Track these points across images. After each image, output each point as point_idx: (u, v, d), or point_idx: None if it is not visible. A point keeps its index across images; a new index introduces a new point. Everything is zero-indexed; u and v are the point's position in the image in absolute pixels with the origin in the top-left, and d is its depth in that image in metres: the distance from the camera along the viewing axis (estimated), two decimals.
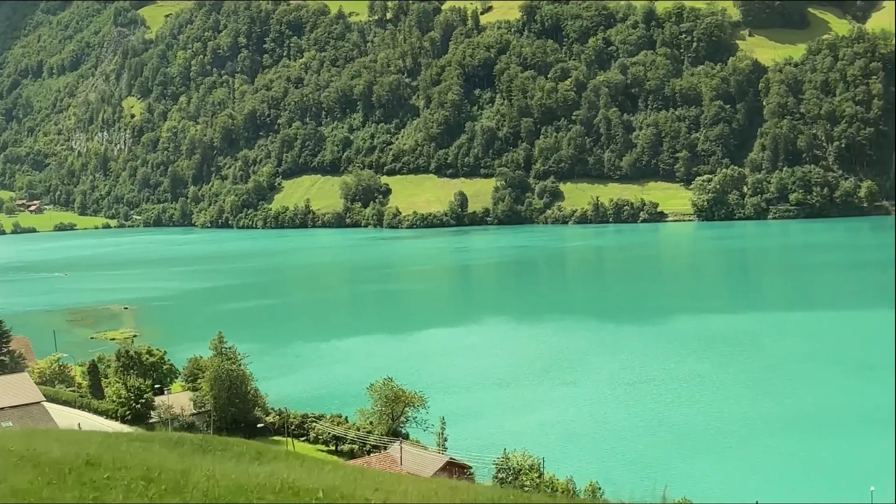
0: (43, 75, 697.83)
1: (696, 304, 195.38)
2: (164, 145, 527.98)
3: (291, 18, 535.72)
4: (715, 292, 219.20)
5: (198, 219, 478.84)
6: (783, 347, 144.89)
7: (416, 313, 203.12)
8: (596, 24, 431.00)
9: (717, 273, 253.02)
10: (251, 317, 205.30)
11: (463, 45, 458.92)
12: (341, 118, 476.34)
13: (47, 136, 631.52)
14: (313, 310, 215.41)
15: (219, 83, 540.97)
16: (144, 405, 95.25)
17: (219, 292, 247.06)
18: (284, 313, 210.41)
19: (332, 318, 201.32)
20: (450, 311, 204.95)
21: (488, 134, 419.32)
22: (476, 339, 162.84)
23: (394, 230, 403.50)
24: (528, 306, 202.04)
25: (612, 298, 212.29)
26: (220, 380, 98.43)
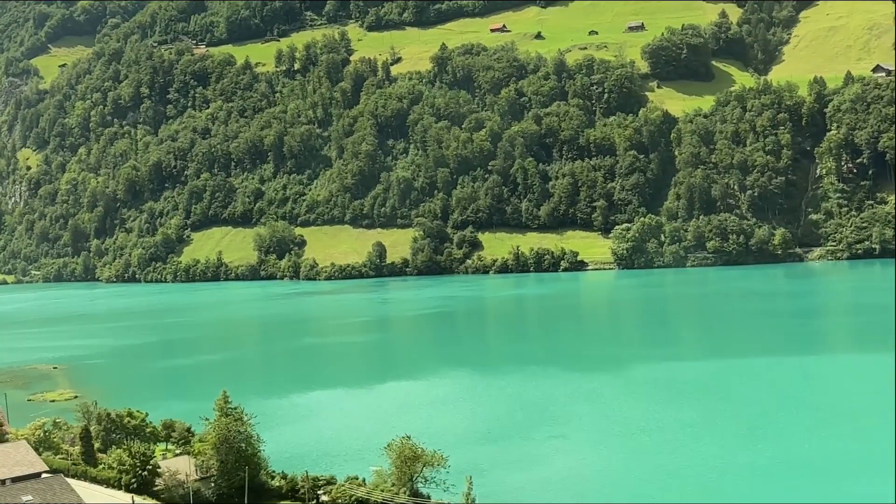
0: None
1: (644, 351, 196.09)
2: (64, 198, 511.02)
3: (196, 69, 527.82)
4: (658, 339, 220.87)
5: (102, 273, 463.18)
6: (751, 393, 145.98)
7: (368, 366, 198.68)
8: (507, 75, 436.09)
9: (655, 320, 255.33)
10: (193, 374, 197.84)
11: (375, 95, 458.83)
12: (251, 169, 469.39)
13: None
14: (257, 365, 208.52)
15: (120, 134, 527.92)
16: (150, 472, 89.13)
17: (149, 349, 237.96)
18: (227, 370, 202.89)
19: (279, 373, 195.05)
20: (400, 363, 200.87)
21: (404, 184, 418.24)
22: (442, 392, 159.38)
23: (311, 282, 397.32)
24: (479, 357, 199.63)
25: (558, 347, 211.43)
26: (227, 442, 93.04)
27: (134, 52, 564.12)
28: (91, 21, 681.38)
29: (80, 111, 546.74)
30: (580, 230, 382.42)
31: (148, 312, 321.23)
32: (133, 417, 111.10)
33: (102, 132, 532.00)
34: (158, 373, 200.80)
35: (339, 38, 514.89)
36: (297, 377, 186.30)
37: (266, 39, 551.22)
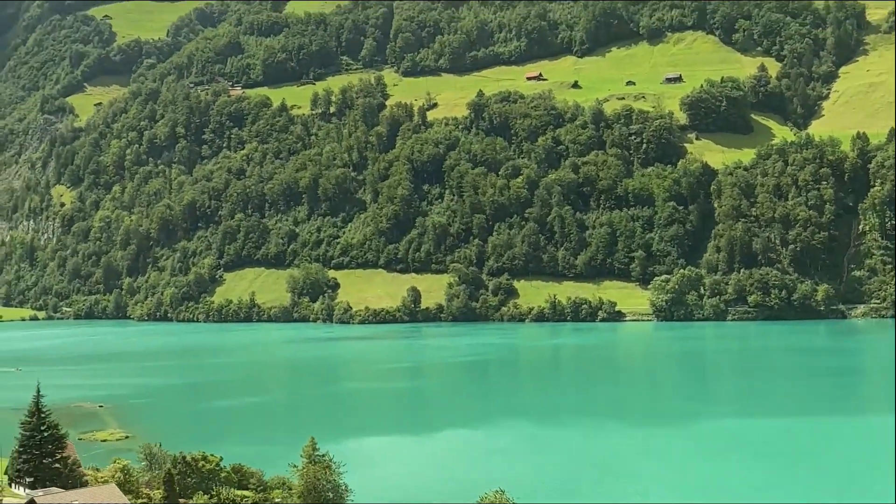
0: None
1: (694, 406, 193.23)
2: (97, 235, 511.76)
3: (232, 110, 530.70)
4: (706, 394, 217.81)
5: (134, 311, 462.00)
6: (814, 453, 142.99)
7: (420, 412, 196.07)
8: (544, 123, 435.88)
9: (699, 374, 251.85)
10: (241, 416, 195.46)
11: (410, 140, 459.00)
12: (286, 211, 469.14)
13: None
14: (304, 409, 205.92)
15: (155, 173, 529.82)
16: None
17: (192, 389, 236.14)
18: (274, 413, 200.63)
19: (329, 417, 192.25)
20: (452, 410, 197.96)
21: (440, 229, 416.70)
22: (504, 442, 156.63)
23: (345, 325, 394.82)
24: (531, 406, 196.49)
25: (608, 399, 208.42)
26: (315, 491, 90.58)
27: (171, 93, 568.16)
28: (127, 61, 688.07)
29: (116, 149, 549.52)
30: (618, 280, 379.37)
31: (185, 352, 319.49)
32: (207, 461, 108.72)
33: (137, 171, 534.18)
34: (206, 414, 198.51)
35: (374, 82, 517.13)
36: (350, 422, 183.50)
37: (302, 82, 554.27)
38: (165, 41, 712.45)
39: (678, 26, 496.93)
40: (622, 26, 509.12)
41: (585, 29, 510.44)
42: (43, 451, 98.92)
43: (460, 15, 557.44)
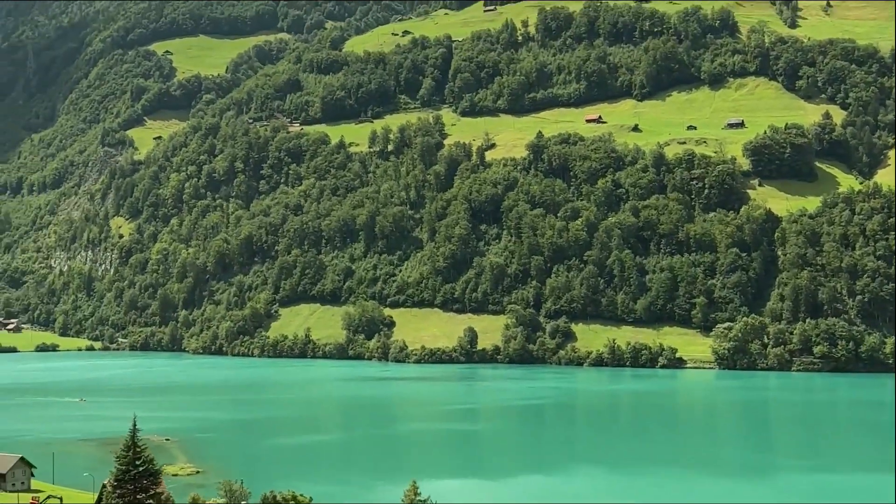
0: (23, 192, 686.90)
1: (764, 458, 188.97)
2: (154, 267, 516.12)
3: (291, 146, 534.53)
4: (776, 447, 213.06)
5: (189, 344, 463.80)
6: None
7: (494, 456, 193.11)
8: (604, 165, 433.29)
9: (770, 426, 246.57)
10: (310, 454, 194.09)
11: (469, 180, 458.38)
12: (342, 247, 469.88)
13: (25, 253, 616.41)
14: (371, 449, 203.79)
15: (213, 207, 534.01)
16: None
17: (256, 425, 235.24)
18: (344, 451, 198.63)
19: (400, 458, 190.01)
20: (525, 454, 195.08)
21: (497, 270, 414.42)
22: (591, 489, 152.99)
23: (400, 364, 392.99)
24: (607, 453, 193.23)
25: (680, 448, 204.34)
26: None
27: (230, 128, 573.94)
28: (186, 96, 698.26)
29: (175, 183, 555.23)
30: (678, 326, 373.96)
31: (243, 387, 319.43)
32: (297, 501, 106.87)
33: (195, 204, 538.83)
34: (274, 451, 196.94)
35: (433, 121, 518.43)
36: (420, 464, 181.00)
37: (360, 120, 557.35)
38: (224, 77, 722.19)
39: (740, 72, 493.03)
40: (683, 71, 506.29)
41: (646, 72, 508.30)
42: (137, 486, 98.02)
43: (519, 56, 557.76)
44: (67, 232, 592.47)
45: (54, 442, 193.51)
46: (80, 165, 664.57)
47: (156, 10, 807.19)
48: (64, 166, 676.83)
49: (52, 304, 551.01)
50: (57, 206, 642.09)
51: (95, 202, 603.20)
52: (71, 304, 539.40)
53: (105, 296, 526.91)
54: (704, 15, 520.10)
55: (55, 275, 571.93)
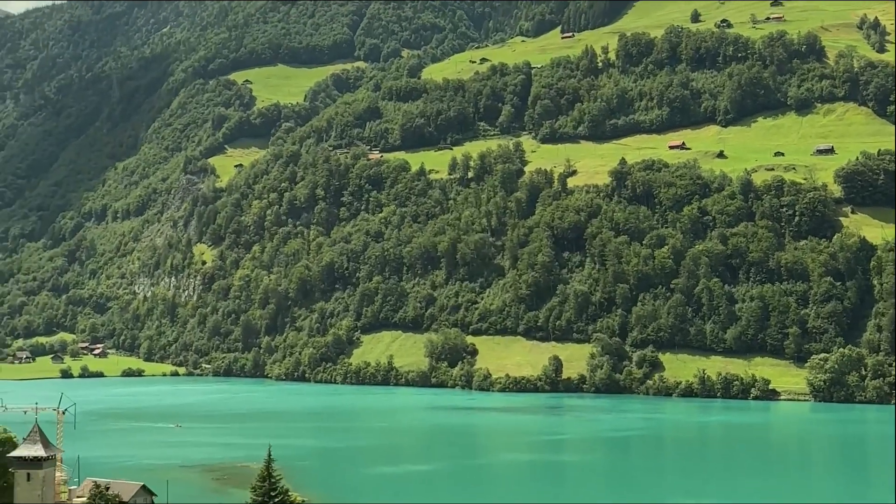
0: (107, 219, 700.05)
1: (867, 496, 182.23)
2: (236, 294, 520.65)
3: (371, 173, 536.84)
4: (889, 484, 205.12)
5: (272, 370, 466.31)
6: None
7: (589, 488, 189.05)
8: (690, 192, 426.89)
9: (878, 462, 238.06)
10: (414, 484, 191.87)
11: (551, 207, 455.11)
12: (423, 274, 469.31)
13: (110, 279, 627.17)
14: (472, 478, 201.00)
15: (294, 234, 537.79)
16: None
17: (351, 452, 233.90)
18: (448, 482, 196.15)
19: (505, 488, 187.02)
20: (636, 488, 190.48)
21: (581, 298, 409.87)
22: None
23: (484, 392, 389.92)
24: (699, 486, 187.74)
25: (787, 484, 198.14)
26: None
27: (310, 155, 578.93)
28: (266, 124, 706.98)
29: (256, 210, 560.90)
30: (769, 357, 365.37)
31: (332, 414, 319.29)
32: None
33: (276, 231, 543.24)
34: (376, 480, 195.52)
35: (513, 148, 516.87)
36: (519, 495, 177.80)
37: (439, 147, 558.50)
38: (303, 105, 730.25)
39: (828, 97, 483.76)
40: (769, 96, 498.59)
41: (730, 98, 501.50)
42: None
43: (600, 83, 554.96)
44: (151, 258, 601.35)
45: (157, 468, 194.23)
46: (163, 193, 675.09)
47: (236, 40, 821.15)
48: (147, 194, 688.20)
49: (136, 329, 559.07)
50: (140, 233, 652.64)
51: (178, 229, 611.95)
52: (155, 329, 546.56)
53: (188, 322, 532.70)
54: (790, 40, 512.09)
55: (139, 300, 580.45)
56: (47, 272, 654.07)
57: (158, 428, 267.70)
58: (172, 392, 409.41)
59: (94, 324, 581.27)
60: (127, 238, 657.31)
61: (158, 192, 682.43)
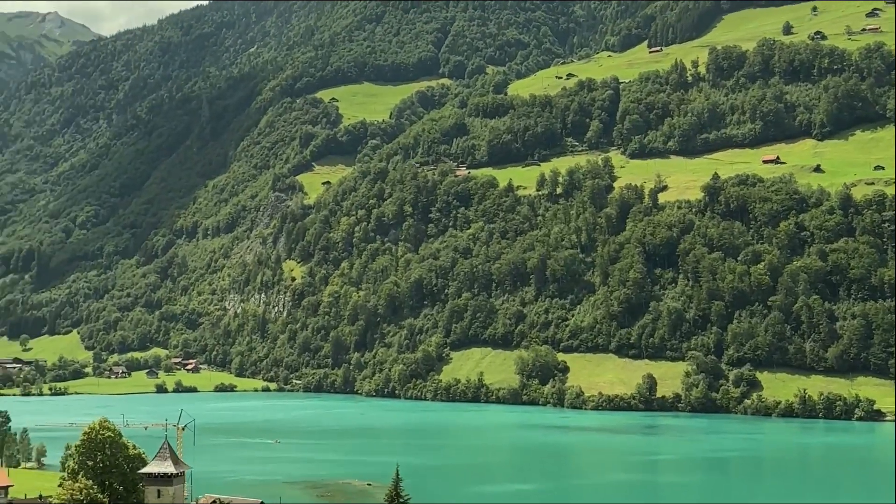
0: (198, 236, 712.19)
1: None
2: (326, 310, 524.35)
3: (459, 189, 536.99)
4: None
5: (362, 387, 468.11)
6: None
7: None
8: (786, 207, 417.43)
9: None
10: None
11: (642, 223, 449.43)
12: (512, 291, 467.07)
13: (201, 295, 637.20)
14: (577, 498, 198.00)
15: (382, 250, 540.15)
16: None
17: (452, 471, 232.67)
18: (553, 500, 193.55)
19: None
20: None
21: (675, 315, 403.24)
22: None
23: (576, 410, 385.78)
24: None
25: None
26: None
27: (398, 172, 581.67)
28: (352, 141, 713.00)
29: (345, 226, 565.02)
30: (874, 377, 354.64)
31: (426, 431, 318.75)
32: None
33: (365, 248, 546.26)
34: (480, 498, 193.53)
35: (602, 164, 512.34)
36: None
37: (527, 163, 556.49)
38: (389, 122, 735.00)
39: None
40: (867, 109, 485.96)
41: (826, 111, 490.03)
42: None
43: (690, 97, 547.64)
44: (241, 275, 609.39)
45: (261, 484, 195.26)
46: (252, 210, 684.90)
47: (322, 59, 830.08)
48: (236, 211, 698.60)
49: (227, 345, 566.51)
50: (230, 250, 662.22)
51: (267, 246, 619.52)
52: (246, 345, 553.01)
53: (278, 338, 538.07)
54: (889, 51, 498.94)
55: (230, 316, 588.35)
56: (141, 288, 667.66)
57: (257, 443, 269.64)
58: (266, 407, 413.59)
59: (187, 339, 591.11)
60: (217, 255, 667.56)
61: (247, 209, 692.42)
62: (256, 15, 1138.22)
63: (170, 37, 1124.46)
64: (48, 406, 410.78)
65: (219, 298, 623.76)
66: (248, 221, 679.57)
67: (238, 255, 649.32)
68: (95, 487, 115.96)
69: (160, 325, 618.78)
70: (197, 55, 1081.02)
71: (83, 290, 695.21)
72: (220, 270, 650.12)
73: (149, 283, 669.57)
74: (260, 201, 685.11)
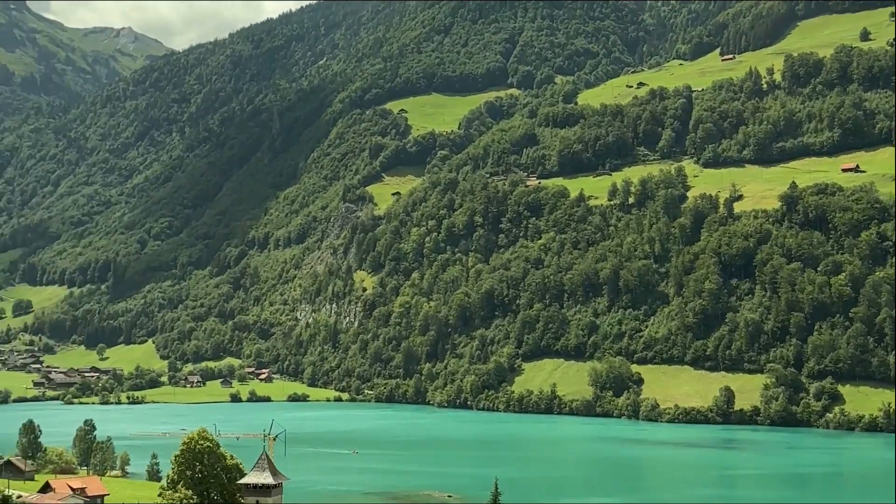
0: (269, 247, 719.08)
1: None
2: (397, 320, 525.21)
3: (530, 200, 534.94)
4: None
5: (433, 397, 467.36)
6: None
7: None
8: (868, 217, 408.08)
9: None
10: None
11: (717, 232, 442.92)
12: (584, 302, 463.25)
13: (273, 305, 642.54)
14: None
15: (452, 261, 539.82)
16: None
17: (533, 483, 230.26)
18: None
19: None
20: None
21: (752, 327, 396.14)
22: None
23: (652, 423, 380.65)
24: None
25: None
26: None
27: (468, 183, 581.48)
28: (421, 152, 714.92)
29: (415, 237, 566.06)
30: None
31: (502, 442, 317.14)
32: None
33: (435, 258, 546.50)
34: None
35: (675, 173, 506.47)
36: None
37: (598, 173, 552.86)
38: (457, 133, 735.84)
39: None
40: None
41: None
42: None
43: (765, 105, 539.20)
44: (312, 285, 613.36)
45: (343, 495, 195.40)
46: (323, 221, 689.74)
47: (391, 70, 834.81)
48: (307, 222, 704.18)
49: (299, 355, 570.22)
50: (301, 261, 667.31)
51: (338, 256, 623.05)
52: (317, 355, 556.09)
53: (350, 348, 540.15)
54: None
55: (301, 327, 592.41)
56: (214, 299, 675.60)
57: (335, 454, 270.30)
58: (340, 417, 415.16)
59: (259, 349, 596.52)
60: (288, 265, 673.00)
61: (318, 220, 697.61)
62: (325, 28, 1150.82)
63: (240, 50, 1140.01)
64: (127, 415, 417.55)
65: (290, 309, 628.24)
66: (319, 232, 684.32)
67: (309, 265, 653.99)
68: (195, 497, 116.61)
69: (233, 334, 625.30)
70: (267, 68, 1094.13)
71: (158, 301, 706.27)
72: (292, 281, 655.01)
73: (222, 294, 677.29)
74: (330, 212, 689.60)
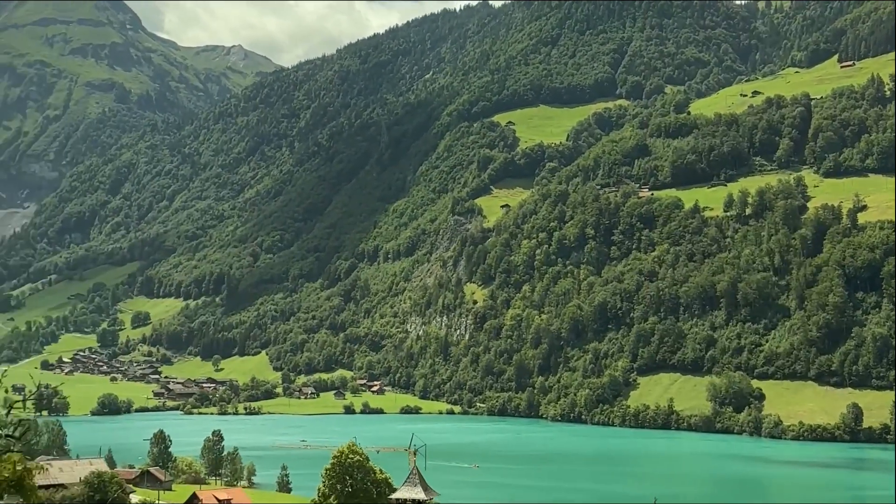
0: (379, 260, 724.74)
1: None
2: (508, 333, 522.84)
3: (642, 211, 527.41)
4: None
5: (546, 411, 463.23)
6: None
7: None
8: None
9: None
10: None
11: (841, 244, 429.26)
12: (701, 315, 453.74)
13: (383, 318, 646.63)
14: None
15: (564, 273, 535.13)
16: None
17: None
18: None
19: None
20: None
21: (880, 342, 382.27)
22: None
23: (775, 440, 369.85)
24: None
25: None
26: None
27: (578, 194, 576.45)
28: (529, 164, 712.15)
29: (526, 250, 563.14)
30: None
31: (623, 458, 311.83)
32: None
33: (546, 271, 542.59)
34: None
35: (794, 183, 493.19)
36: None
37: (712, 184, 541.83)
38: (566, 145, 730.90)
39: None
40: None
41: None
42: None
43: (888, 112, 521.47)
44: (422, 298, 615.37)
45: None
46: (432, 234, 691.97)
47: (498, 82, 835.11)
48: (416, 234, 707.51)
49: (410, 367, 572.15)
50: (411, 273, 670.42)
51: (448, 269, 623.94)
52: (429, 367, 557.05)
53: (461, 360, 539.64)
54: None
55: (412, 339, 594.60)
56: (325, 311, 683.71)
57: (455, 467, 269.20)
58: (455, 430, 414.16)
59: (370, 361, 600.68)
60: (398, 278, 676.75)
61: (427, 232, 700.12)
62: (431, 42, 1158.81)
63: (348, 66, 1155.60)
64: (247, 425, 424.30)
65: (400, 321, 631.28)
66: (428, 245, 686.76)
67: (419, 278, 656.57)
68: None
69: (345, 346, 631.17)
70: (374, 83, 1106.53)
71: (270, 313, 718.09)
72: (402, 293, 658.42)
73: (333, 306, 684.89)
74: (439, 225, 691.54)
